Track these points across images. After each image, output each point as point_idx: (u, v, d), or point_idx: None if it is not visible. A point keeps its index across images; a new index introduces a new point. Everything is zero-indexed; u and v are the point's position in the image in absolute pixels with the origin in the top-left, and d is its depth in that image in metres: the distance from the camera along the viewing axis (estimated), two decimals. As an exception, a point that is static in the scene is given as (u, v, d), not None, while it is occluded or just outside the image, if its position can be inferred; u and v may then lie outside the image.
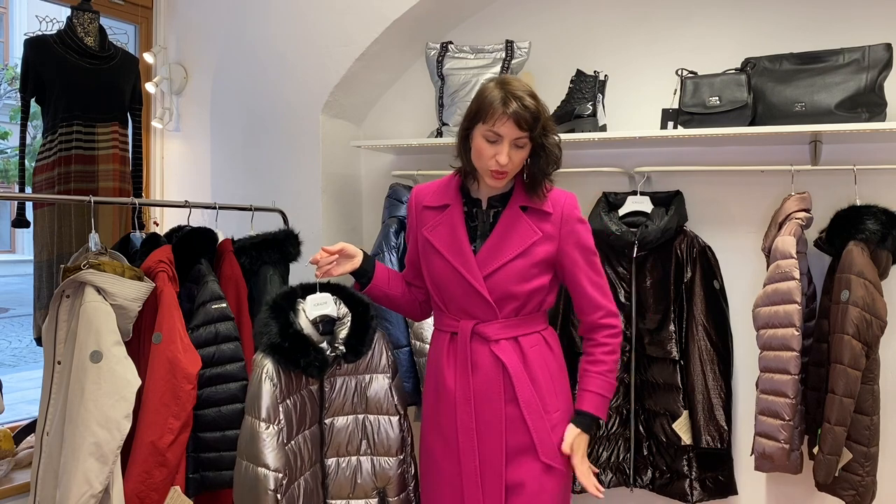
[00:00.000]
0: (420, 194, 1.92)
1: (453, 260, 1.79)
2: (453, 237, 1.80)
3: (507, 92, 1.69)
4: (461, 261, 1.78)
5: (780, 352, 2.16)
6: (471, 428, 1.78)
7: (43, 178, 2.54)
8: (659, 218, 2.44)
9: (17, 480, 2.35)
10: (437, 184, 1.92)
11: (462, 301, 1.80)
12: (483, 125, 1.71)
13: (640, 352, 2.48)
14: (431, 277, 1.85)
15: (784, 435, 2.14)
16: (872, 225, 2.13)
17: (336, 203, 2.89)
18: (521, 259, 1.77)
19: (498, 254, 1.77)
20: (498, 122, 1.68)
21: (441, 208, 1.84)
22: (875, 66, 2.19)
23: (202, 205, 2.32)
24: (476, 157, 1.76)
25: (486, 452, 1.78)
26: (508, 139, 1.69)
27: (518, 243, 1.78)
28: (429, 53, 2.69)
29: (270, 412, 1.71)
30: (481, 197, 1.85)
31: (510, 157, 1.71)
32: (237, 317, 2.14)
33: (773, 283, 2.19)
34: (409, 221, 1.95)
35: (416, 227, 1.90)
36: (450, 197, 1.85)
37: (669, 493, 2.45)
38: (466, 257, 1.78)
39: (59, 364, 1.84)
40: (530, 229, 1.79)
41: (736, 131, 2.26)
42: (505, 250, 1.77)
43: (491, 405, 1.78)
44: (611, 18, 2.70)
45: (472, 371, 1.79)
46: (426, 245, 1.85)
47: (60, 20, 2.71)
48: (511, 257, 1.77)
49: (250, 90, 2.93)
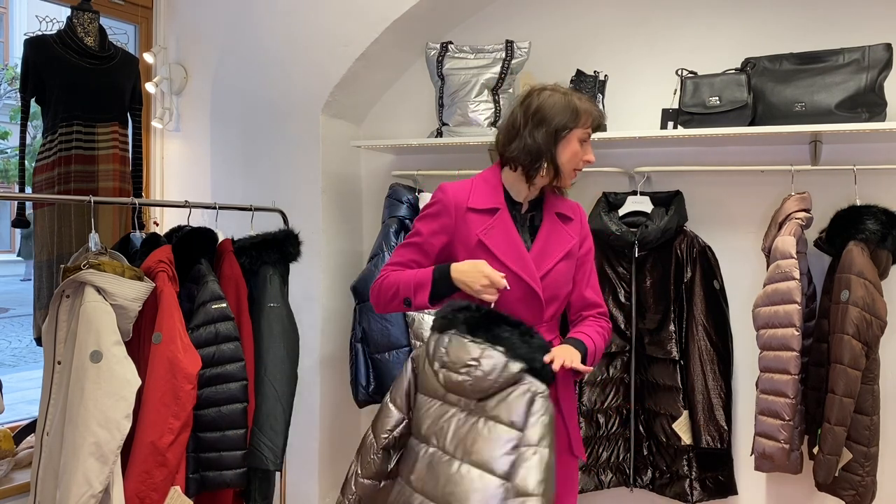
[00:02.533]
0: (458, 194, 1.85)
1: (512, 263, 1.78)
2: (509, 241, 1.81)
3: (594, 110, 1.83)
4: (520, 264, 1.79)
5: (780, 352, 2.17)
6: None
7: (43, 178, 2.54)
8: (659, 218, 2.44)
9: (17, 480, 2.35)
10: (473, 185, 1.88)
11: (514, 305, 1.78)
12: (580, 129, 1.81)
13: (639, 352, 2.48)
14: None
15: (784, 435, 2.14)
16: (872, 225, 2.13)
17: (336, 203, 2.89)
18: (563, 262, 1.84)
19: (547, 256, 1.83)
20: (590, 125, 1.82)
21: (490, 211, 1.83)
22: (875, 66, 2.19)
23: (202, 205, 2.32)
24: (570, 158, 1.82)
25: None
26: (590, 142, 1.85)
27: (560, 247, 1.85)
28: (429, 53, 2.69)
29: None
30: (523, 201, 1.88)
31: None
32: (237, 317, 2.14)
33: (773, 283, 2.20)
34: (443, 220, 1.84)
35: (455, 227, 1.83)
36: (498, 200, 1.85)
37: (669, 493, 2.45)
38: (525, 260, 1.79)
39: (59, 364, 1.84)
40: (567, 234, 1.88)
41: (736, 131, 2.26)
42: (552, 253, 1.84)
43: None
44: (611, 18, 2.70)
45: None
46: (479, 250, 1.80)
47: (60, 20, 2.71)
48: (557, 259, 1.83)
49: (250, 90, 2.93)
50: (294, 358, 2.30)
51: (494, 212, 1.83)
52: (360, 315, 2.62)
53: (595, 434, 2.50)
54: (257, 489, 2.24)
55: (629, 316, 2.48)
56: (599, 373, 2.49)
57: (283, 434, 2.22)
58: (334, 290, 2.89)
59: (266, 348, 2.23)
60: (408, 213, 2.66)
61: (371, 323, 2.55)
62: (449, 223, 1.83)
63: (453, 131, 2.62)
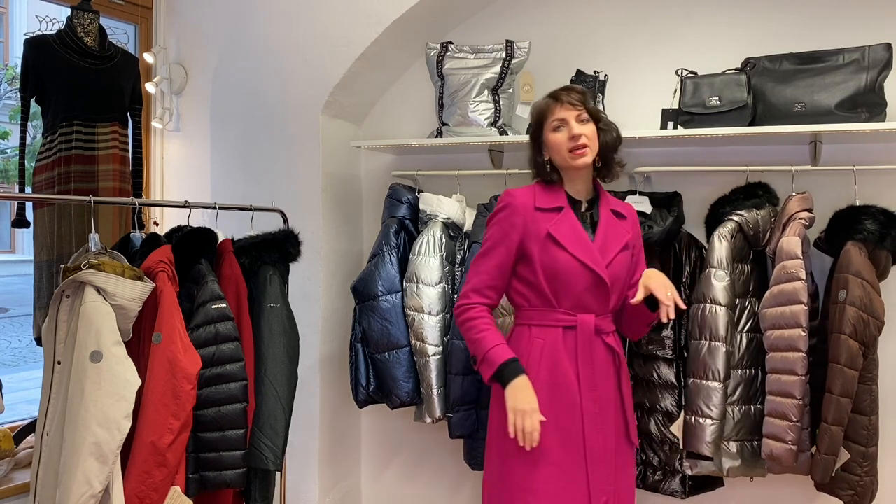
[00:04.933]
0: (525, 197, 1.99)
1: (580, 254, 1.91)
2: (576, 234, 1.94)
3: (552, 93, 1.99)
4: (588, 255, 1.91)
5: (786, 353, 2.16)
6: (596, 413, 1.93)
7: (43, 178, 2.54)
8: (662, 219, 2.44)
9: (17, 480, 2.35)
10: (534, 190, 2.01)
11: (582, 294, 1.92)
12: (546, 123, 1.97)
13: (633, 350, 2.48)
14: (552, 273, 1.93)
15: (792, 436, 2.14)
16: (870, 225, 2.13)
17: (336, 203, 2.90)
18: (623, 253, 1.97)
19: (608, 247, 1.96)
20: (556, 111, 1.95)
21: (556, 210, 1.96)
22: (875, 66, 2.19)
23: (202, 205, 2.32)
24: (555, 150, 1.96)
25: (609, 437, 1.95)
26: (572, 119, 1.93)
27: (619, 239, 1.98)
28: (429, 53, 2.69)
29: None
30: (581, 199, 2.02)
31: (581, 130, 1.92)
32: (237, 317, 2.14)
33: (780, 283, 2.19)
34: (513, 221, 1.96)
35: (524, 227, 1.95)
36: (562, 199, 1.99)
37: (661, 490, 2.45)
38: (592, 251, 1.93)
39: (59, 364, 1.84)
40: (623, 228, 2.01)
41: (736, 131, 2.26)
42: (613, 245, 1.97)
43: (607, 392, 1.97)
44: (611, 18, 2.71)
45: (592, 362, 1.94)
46: (548, 242, 1.93)
47: (60, 20, 2.71)
48: (618, 251, 1.96)
49: (250, 90, 2.93)
50: (294, 358, 2.30)
51: (560, 210, 1.97)
52: (360, 315, 2.62)
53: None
54: (257, 489, 2.24)
55: (629, 316, 2.48)
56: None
57: (283, 434, 2.22)
58: (334, 290, 2.89)
59: (266, 348, 2.24)
60: (408, 213, 2.66)
61: (371, 323, 2.55)
62: (520, 221, 1.96)
63: (453, 131, 2.62)
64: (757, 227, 2.29)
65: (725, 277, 2.23)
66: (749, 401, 2.30)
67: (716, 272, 2.24)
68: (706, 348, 2.23)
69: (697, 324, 2.26)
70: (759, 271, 2.35)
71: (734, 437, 2.29)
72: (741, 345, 2.30)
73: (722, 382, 2.22)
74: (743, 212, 2.30)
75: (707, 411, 2.22)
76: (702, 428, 2.22)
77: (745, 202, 2.32)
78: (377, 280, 2.54)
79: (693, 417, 2.25)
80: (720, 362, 2.21)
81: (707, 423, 2.22)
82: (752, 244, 2.32)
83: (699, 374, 2.25)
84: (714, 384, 2.22)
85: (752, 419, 2.29)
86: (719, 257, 2.25)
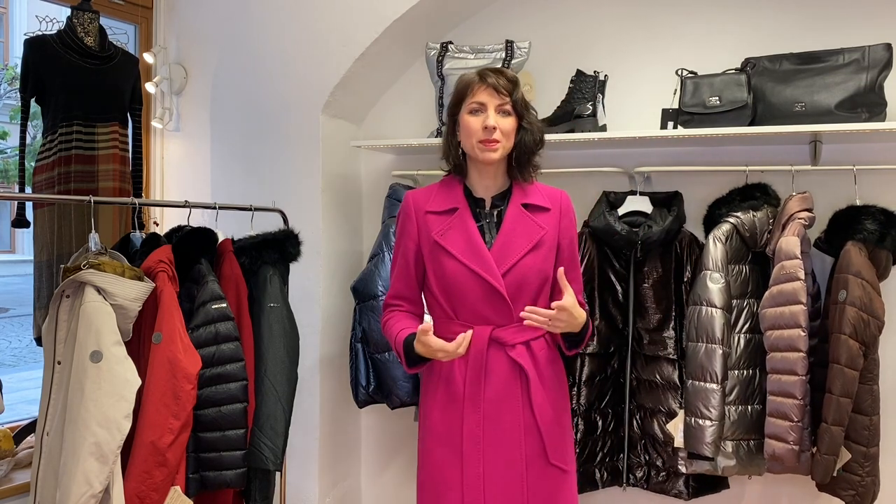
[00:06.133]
0: (418, 200, 1.86)
1: (470, 262, 1.75)
2: (468, 240, 1.77)
3: (480, 70, 1.80)
4: (479, 262, 1.75)
5: (787, 353, 2.16)
6: (477, 436, 1.76)
7: (43, 178, 2.54)
8: (662, 219, 2.44)
9: (17, 480, 2.35)
10: (433, 189, 1.89)
11: (477, 305, 1.77)
12: (465, 103, 1.78)
13: (636, 351, 2.48)
14: (443, 283, 1.81)
15: (793, 436, 2.14)
16: (870, 225, 2.14)
17: (336, 203, 2.90)
18: (531, 255, 1.77)
19: (510, 252, 1.77)
20: (477, 92, 1.75)
21: (449, 212, 1.82)
22: (875, 66, 2.19)
23: (202, 205, 2.32)
24: (465, 135, 1.78)
25: (498, 461, 1.76)
26: (492, 106, 1.74)
27: (527, 240, 1.78)
28: (429, 53, 2.69)
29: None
30: (485, 196, 1.84)
31: (497, 123, 1.74)
32: (237, 317, 2.14)
33: (779, 284, 2.19)
34: (406, 228, 1.87)
35: (418, 233, 1.84)
36: (456, 200, 1.83)
37: (665, 491, 2.45)
38: (484, 258, 1.75)
39: (59, 364, 1.84)
40: (535, 225, 1.79)
41: (736, 131, 2.26)
42: (516, 247, 1.77)
43: (510, 412, 1.77)
44: (611, 18, 2.71)
45: (485, 378, 1.77)
46: (436, 250, 1.80)
47: (60, 20, 2.71)
48: (523, 254, 1.76)
49: (250, 90, 2.93)
50: (294, 358, 2.30)
51: (453, 212, 1.81)
52: (360, 315, 2.62)
53: (592, 434, 2.49)
54: (257, 489, 2.24)
55: (626, 315, 2.48)
56: (598, 372, 2.48)
57: (283, 434, 2.22)
58: (334, 290, 2.89)
59: (266, 348, 2.24)
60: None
61: (371, 323, 2.55)
62: (413, 229, 1.84)
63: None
64: (753, 229, 2.29)
65: (720, 280, 2.23)
66: (746, 401, 2.30)
67: (710, 274, 2.24)
68: (703, 350, 2.24)
69: (694, 326, 2.26)
70: (760, 272, 2.35)
71: (730, 436, 2.28)
72: (738, 345, 2.31)
73: (719, 384, 2.22)
74: (739, 214, 2.30)
75: (706, 413, 2.22)
76: (701, 429, 2.22)
77: (741, 204, 2.32)
78: (377, 280, 2.54)
79: (692, 419, 2.25)
80: (717, 364, 2.22)
81: (706, 424, 2.22)
82: (750, 245, 2.32)
83: (697, 376, 2.25)
84: (712, 386, 2.22)
85: (748, 419, 2.29)
86: (714, 259, 2.25)
